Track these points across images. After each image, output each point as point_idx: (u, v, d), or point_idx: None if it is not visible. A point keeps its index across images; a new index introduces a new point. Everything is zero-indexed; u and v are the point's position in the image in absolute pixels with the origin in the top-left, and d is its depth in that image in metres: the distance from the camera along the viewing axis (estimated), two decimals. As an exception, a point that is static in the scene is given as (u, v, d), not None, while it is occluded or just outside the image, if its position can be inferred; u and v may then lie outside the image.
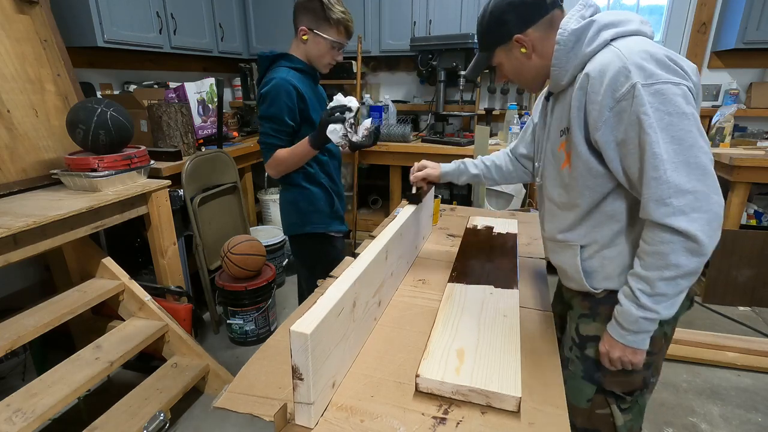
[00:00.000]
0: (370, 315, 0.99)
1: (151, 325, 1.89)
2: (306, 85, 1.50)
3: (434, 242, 1.56)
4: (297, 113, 1.46)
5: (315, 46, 1.47)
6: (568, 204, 0.96)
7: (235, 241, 2.28)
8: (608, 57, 0.81)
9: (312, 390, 0.70)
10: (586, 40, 0.85)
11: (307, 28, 1.45)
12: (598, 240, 0.94)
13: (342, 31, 1.46)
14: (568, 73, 0.88)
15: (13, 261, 1.45)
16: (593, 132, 0.83)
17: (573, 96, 0.86)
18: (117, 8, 2.36)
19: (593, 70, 0.81)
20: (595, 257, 0.95)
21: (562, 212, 0.99)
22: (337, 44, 1.47)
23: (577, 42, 0.86)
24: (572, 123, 0.87)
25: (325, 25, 1.43)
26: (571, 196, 0.95)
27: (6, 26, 1.79)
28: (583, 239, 0.96)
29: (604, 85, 0.80)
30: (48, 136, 1.91)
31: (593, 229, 0.94)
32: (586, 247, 0.96)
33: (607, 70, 0.79)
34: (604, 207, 0.91)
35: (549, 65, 0.91)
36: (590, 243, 0.95)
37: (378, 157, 3.23)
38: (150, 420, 1.60)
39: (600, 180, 0.89)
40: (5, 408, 1.42)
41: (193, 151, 2.47)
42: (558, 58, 0.88)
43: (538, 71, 0.96)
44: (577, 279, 0.99)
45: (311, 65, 1.53)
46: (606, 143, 0.83)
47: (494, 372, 0.81)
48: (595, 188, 0.90)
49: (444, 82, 3.13)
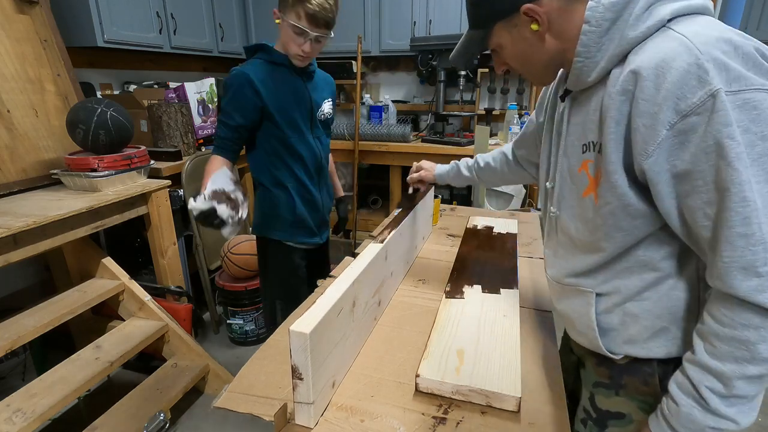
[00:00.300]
0: (370, 315, 0.99)
1: (151, 325, 1.89)
2: (279, 79, 1.41)
3: (434, 242, 1.56)
4: (252, 110, 1.37)
5: (282, 31, 1.34)
6: (589, 245, 0.72)
7: (235, 241, 2.28)
8: (669, 47, 0.56)
9: (312, 390, 0.70)
10: (631, 19, 0.60)
11: (278, 9, 1.33)
12: (622, 290, 0.71)
13: (301, 15, 1.26)
14: (599, 66, 0.63)
15: (13, 261, 1.45)
16: (640, 158, 0.58)
17: (608, 101, 0.62)
18: (117, 8, 2.36)
19: (646, 66, 0.56)
20: (615, 311, 0.72)
21: (579, 252, 0.75)
22: (297, 30, 1.29)
23: (617, 21, 0.60)
24: (606, 140, 0.62)
25: (287, 7, 1.28)
26: (594, 236, 0.70)
27: (6, 26, 1.79)
28: (601, 286, 0.73)
29: (663, 91, 0.55)
30: (48, 136, 1.91)
31: (617, 275, 0.71)
32: (605, 296, 0.73)
33: (669, 67, 0.54)
34: (636, 252, 0.68)
35: (568, 50, 0.67)
36: (610, 292, 0.72)
37: (378, 157, 3.23)
38: (150, 420, 1.60)
39: (639, 222, 0.65)
40: (5, 408, 1.42)
41: (193, 151, 2.47)
42: (586, 43, 0.63)
43: (551, 58, 0.70)
44: (588, 336, 0.76)
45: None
46: (658, 174, 0.58)
47: (494, 372, 0.81)
48: (631, 231, 0.66)
49: (444, 82, 3.14)
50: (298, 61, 1.39)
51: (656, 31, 0.59)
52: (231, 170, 1.35)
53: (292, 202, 1.50)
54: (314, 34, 1.31)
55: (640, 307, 0.69)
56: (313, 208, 1.56)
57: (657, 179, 0.59)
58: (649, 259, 0.67)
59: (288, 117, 1.43)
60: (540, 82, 0.82)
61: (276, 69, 1.41)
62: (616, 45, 0.61)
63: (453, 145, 3.02)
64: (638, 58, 0.58)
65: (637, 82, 0.57)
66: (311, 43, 1.33)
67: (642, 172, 0.60)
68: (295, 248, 1.57)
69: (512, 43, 0.72)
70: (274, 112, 1.40)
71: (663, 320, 0.68)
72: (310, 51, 1.35)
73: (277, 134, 1.43)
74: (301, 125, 1.46)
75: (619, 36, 0.61)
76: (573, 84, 0.70)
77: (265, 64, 1.40)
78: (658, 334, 0.69)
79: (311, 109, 1.49)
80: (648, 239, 0.66)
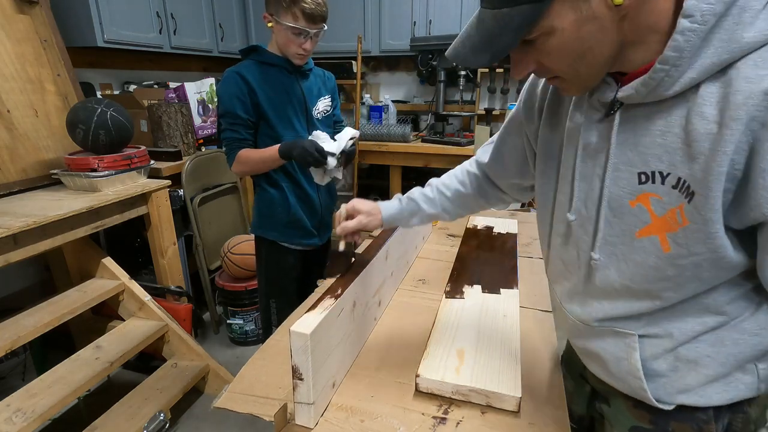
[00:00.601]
0: (370, 315, 0.99)
1: (151, 325, 1.89)
2: (272, 78, 1.41)
3: (434, 242, 1.56)
4: (251, 106, 1.38)
5: (278, 34, 1.36)
6: (641, 292, 0.59)
7: (235, 241, 2.28)
8: None
9: (312, 390, 0.70)
10: (746, 16, 0.44)
11: (268, 13, 1.34)
12: (674, 334, 0.59)
13: (298, 16, 1.28)
14: (685, 77, 0.47)
15: (13, 261, 1.45)
16: (759, 203, 0.45)
17: (702, 125, 0.47)
18: (117, 8, 2.36)
19: None
20: (665, 357, 0.61)
21: (623, 298, 0.62)
22: (297, 31, 1.31)
23: (725, 17, 0.44)
24: (708, 178, 0.47)
25: (281, 10, 1.30)
26: (654, 285, 0.57)
27: (6, 26, 1.79)
28: (645, 328, 0.61)
29: None
30: (48, 136, 1.91)
31: (669, 317, 0.60)
32: (651, 339, 0.61)
33: None
34: (700, 298, 0.57)
35: (632, 46, 0.51)
36: (659, 335, 0.61)
37: (378, 157, 3.23)
38: (150, 420, 1.60)
39: (725, 272, 0.54)
40: (5, 408, 1.41)
41: (193, 151, 2.47)
42: (681, 46, 0.46)
43: (613, 54, 0.52)
44: (629, 383, 0.64)
45: (286, 57, 1.41)
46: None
47: (494, 372, 0.81)
48: (710, 281, 0.55)
49: (444, 82, 3.13)
50: (299, 59, 1.41)
51: None
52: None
53: (287, 202, 1.50)
54: (313, 32, 1.33)
55: (698, 351, 0.59)
56: (310, 208, 1.56)
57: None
58: (713, 302, 0.57)
59: (282, 116, 1.43)
60: (584, 89, 0.58)
61: (269, 69, 1.42)
62: (720, 50, 0.45)
63: (453, 145, 3.02)
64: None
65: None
66: (311, 40, 1.36)
67: (754, 221, 0.48)
68: (290, 249, 1.57)
69: (575, 26, 0.49)
70: (268, 110, 1.41)
71: (727, 367, 0.59)
72: (310, 48, 1.38)
73: (272, 134, 1.44)
74: (297, 124, 1.47)
75: (726, 37, 0.44)
76: (637, 95, 0.52)
77: (257, 65, 1.42)
78: (719, 379, 0.60)
79: (306, 107, 1.49)
80: (719, 285, 0.56)
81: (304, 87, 1.49)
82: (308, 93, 1.50)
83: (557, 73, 0.56)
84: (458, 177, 0.90)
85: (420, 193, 0.89)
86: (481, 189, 0.89)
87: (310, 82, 1.52)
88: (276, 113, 1.42)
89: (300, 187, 1.52)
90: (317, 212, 1.59)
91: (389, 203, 0.90)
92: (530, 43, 0.52)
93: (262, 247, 1.59)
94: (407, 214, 0.89)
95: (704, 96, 0.47)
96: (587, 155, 0.61)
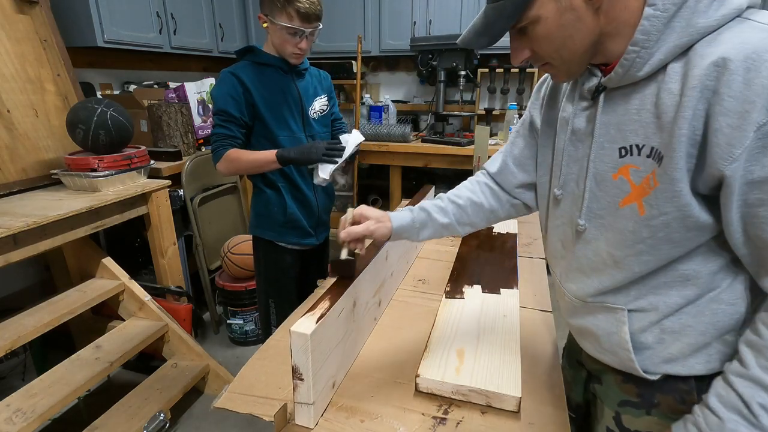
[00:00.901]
0: (370, 315, 0.99)
1: (151, 325, 1.89)
2: (267, 79, 1.41)
3: (434, 242, 1.56)
4: (245, 106, 1.38)
5: (273, 34, 1.36)
6: (623, 258, 0.65)
7: (235, 241, 2.28)
8: (758, 38, 0.50)
9: (312, 390, 0.70)
10: (701, 6, 0.53)
11: (263, 14, 1.34)
12: (659, 307, 0.65)
13: (293, 15, 1.28)
14: (654, 59, 0.56)
15: (13, 261, 1.45)
16: (721, 163, 0.52)
17: (668, 98, 0.55)
18: (117, 8, 2.36)
19: (733, 59, 0.49)
20: (651, 330, 0.67)
21: (609, 267, 0.67)
22: (292, 30, 1.31)
23: (683, 6, 0.53)
24: (673, 143, 0.54)
25: (276, 10, 1.29)
26: (632, 249, 0.63)
27: (6, 26, 1.79)
28: (634, 302, 0.67)
29: (755, 87, 0.48)
30: (48, 136, 1.91)
31: (654, 290, 0.65)
32: (639, 313, 0.67)
33: (762, 60, 0.48)
34: (679, 266, 0.62)
35: (608, 36, 0.59)
36: (645, 308, 0.66)
37: (378, 157, 3.23)
38: (150, 420, 1.60)
39: (693, 234, 0.58)
40: (5, 408, 1.42)
41: (193, 151, 2.47)
42: (647, 30, 0.55)
43: (593, 42, 0.60)
44: (619, 355, 0.70)
45: (282, 57, 1.41)
46: (734, 180, 0.52)
47: (494, 372, 0.81)
48: (681, 243, 0.60)
49: (444, 82, 3.13)
50: (295, 59, 1.41)
51: (730, 21, 0.53)
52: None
53: (284, 202, 1.50)
54: (309, 31, 1.33)
55: (681, 323, 0.64)
56: (306, 208, 1.55)
57: (730, 188, 0.52)
58: (692, 272, 0.62)
59: (278, 116, 1.43)
60: (570, 74, 0.67)
61: (264, 69, 1.42)
62: (680, 34, 0.53)
63: (453, 145, 3.01)
64: (717, 50, 0.51)
65: (721, 76, 0.50)
66: (306, 39, 1.36)
67: (715, 179, 0.53)
68: (287, 249, 1.57)
69: (557, 15, 0.58)
70: (264, 111, 1.41)
71: (707, 336, 0.63)
72: (306, 47, 1.38)
73: (267, 134, 1.44)
74: (292, 124, 1.47)
75: (684, 24, 0.53)
76: (616, 79, 0.60)
77: (253, 66, 1.42)
78: (700, 349, 0.64)
79: (302, 107, 1.49)
80: (694, 252, 0.61)
81: (300, 87, 1.49)
82: (304, 93, 1.50)
83: (547, 59, 0.65)
84: (468, 187, 0.91)
85: (431, 204, 0.88)
86: (492, 194, 0.90)
87: (306, 81, 1.52)
88: (272, 113, 1.42)
89: (297, 188, 1.52)
90: (314, 212, 1.58)
91: (400, 214, 0.87)
92: (523, 31, 0.63)
93: (259, 247, 1.59)
94: (418, 224, 0.86)
95: (670, 74, 0.55)
96: (576, 139, 0.70)
